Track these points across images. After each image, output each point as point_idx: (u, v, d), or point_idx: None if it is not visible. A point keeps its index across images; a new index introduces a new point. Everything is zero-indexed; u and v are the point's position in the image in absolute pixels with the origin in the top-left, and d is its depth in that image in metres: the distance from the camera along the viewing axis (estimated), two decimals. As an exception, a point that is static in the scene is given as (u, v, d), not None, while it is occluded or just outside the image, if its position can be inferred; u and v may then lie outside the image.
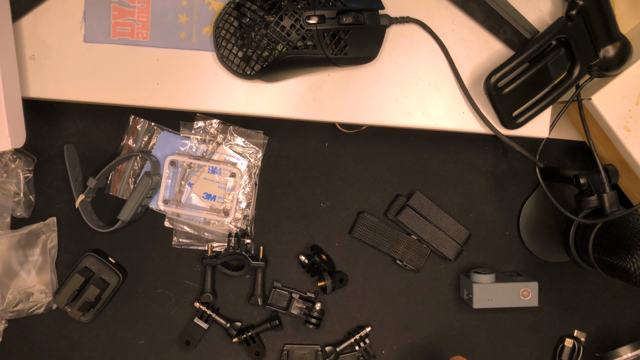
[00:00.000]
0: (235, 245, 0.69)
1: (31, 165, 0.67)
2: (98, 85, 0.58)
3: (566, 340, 0.72)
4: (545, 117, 0.61)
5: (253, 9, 0.55)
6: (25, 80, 0.58)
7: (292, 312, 0.69)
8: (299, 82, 0.59)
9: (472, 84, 0.60)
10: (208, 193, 0.69)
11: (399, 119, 0.60)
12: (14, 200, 0.67)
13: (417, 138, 0.71)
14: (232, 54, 0.56)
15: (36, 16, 0.58)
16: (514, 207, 0.72)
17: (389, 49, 0.60)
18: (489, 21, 0.59)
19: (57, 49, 0.58)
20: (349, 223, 0.71)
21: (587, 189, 0.61)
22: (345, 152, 0.71)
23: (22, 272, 0.68)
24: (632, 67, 0.58)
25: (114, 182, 0.69)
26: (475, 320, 0.72)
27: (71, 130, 0.69)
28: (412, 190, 0.71)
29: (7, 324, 0.68)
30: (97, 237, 0.69)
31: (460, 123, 0.61)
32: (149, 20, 0.58)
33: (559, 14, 0.59)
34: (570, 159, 0.72)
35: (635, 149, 0.59)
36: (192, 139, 0.69)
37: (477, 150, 0.72)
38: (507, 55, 0.58)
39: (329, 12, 0.54)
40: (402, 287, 0.71)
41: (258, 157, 0.69)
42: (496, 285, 0.67)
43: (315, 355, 0.70)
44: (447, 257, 0.71)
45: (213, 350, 0.70)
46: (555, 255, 0.72)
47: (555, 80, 0.58)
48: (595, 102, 0.59)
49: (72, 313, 0.67)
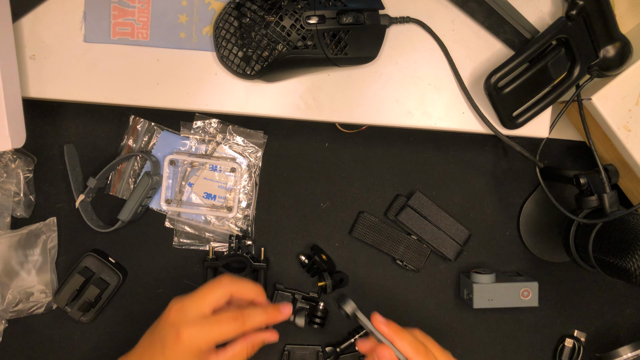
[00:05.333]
0: (236, 246, 0.69)
1: (31, 165, 0.67)
2: (98, 85, 0.58)
3: (566, 340, 0.72)
4: (545, 117, 0.61)
5: (253, 9, 0.55)
6: (25, 80, 0.58)
7: (296, 318, 0.69)
8: (299, 82, 0.59)
9: (472, 84, 0.60)
10: (208, 192, 0.69)
11: (399, 119, 0.60)
12: (14, 200, 0.67)
13: (417, 138, 0.71)
14: (232, 54, 0.56)
15: (36, 16, 0.58)
16: (514, 207, 0.72)
17: (389, 49, 0.60)
18: (489, 21, 0.59)
19: (57, 49, 0.58)
20: (349, 223, 0.71)
21: (587, 189, 0.61)
22: (345, 152, 0.71)
23: (22, 272, 0.68)
24: (632, 67, 0.58)
25: (114, 182, 0.69)
26: (475, 320, 0.72)
27: (71, 130, 0.69)
28: (412, 190, 0.71)
29: (7, 324, 0.68)
30: (97, 237, 0.69)
31: (460, 123, 0.61)
32: (149, 20, 0.58)
33: (559, 14, 0.59)
34: (570, 159, 0.72)
35: (635, 149, 0.59)
36: (191, 139, 0.69)
37: (477, 150, 0.72)
38: (507, 55, 0.58)
39: (329, 12, 0.54)
40: (402, 287, 0.71)
41: (258, 156, 0.69)
42: (496, 285, 0.67)
43: (316, 355, 0.70)
44: (447, 257, 0.71)
45: (213, 350, 0.70)
46: (556, 255, 0.72)
47: (555, 80, 0.59)
48: (595, 102, 0.59)
49: (72, 313, 0.67)
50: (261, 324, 0.54)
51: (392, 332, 0.52)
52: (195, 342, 0.51)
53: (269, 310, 0.55)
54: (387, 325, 0.53)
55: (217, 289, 0.53)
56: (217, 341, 0.52)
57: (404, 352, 0.52)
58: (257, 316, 0.54)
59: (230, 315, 0.52)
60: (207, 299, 0.53)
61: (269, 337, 0.56)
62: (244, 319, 0.53)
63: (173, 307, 0.52)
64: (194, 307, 0.52)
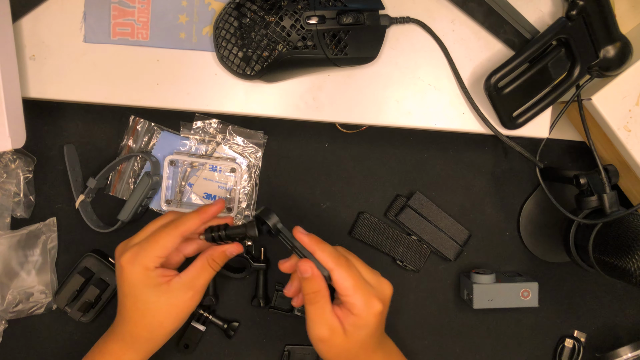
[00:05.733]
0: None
1: (31, 165, 0.67)
2: (98, 85, 0.58)
3: (566, 341, 0.72)
4: (545, 118, 0.61)
5: (253, 9, 0.55)
6: (25, 80, 0.58)
7: (296, 313, 0.69)
8: (299, 82, 0.59)
9: (472, 84, 0.60)
10: (208, 193, 0.69)
11: (399, 119, 0.60)
12: (14, 201, 0.67)
13: (417, 138, 0.71)
14: (232, 54, 0.56)
15: (36, 16, 0.58)
16: (514, 207, 0.72)
17: (389, 49, 0.60)
18: (489, 21, 0.59)
19: (57, 49, 0.58)
20: (349, 223, 0.71)
21: (587, 189, 0.61)
22: (345, 152, 0.71)
23: (22, 273, 0.68)
24: (632, 67, 0.58)
25: (114, 182, 0.69)
26: (475, 320, 0.72)
27: (71, 130, 0.69)
28: (412, 191, 0.71)
29: (7, 325, 0.68)
30: (97, 237, 0.69)
31: (460, 123, 0.61)
32: (149, 20, 0.58)
33: (559, 14, 0.59)
34: (570, 159, 0.72)
35: (635, 149, 0.59)
36: (191, 139, 0.69)
37: (477, 150, 0.72)
38: (507, 56, 0.58)
39: (329, 12, 0.54)
40: (402, 287, 0.71)
41: (258, 157, 0.69)
42: (496, 285, 0.67)
43: (316, 355, 0.70)
44: (447, 257, 0.71)
45: (213, 350, 0.70)
46: (556, 256, 0.72)
47: (555, 80, 0.59)
48: (595, 102, 0.59)
49: (72, 313, 0.67)
50: (194, 223, 0.53)
51: (313, 243, 0.52)
52: (137, 263, 0.51)
53: (199, 210, 0.54)
54: (308, 236, 0.52)
55: (156, 222, 0.54)
56: (159, 254, 0.52)
57: (324, 262, 0.51)
58: (188, 218, 0.53)
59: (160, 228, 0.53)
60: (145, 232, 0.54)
61: (230, 248, 0.55)
62: (174, 224, 0.53)
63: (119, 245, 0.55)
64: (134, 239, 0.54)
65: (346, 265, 0.51)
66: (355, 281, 0.50)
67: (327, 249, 0.52)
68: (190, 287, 0.53)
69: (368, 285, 0.51)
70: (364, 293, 0.50)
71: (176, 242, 0.52)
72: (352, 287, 0.50)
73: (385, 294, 0.53)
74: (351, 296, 0.50)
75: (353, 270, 0.51)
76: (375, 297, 0.51)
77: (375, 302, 0.51)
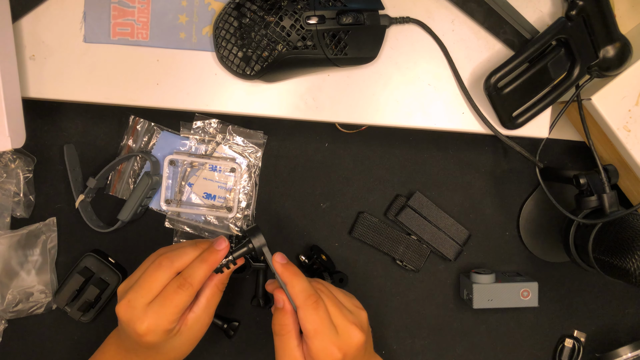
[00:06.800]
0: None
1: (31, 165, 0.67)
2: (98, 85, 0.58)
3: (566, 340, 0.72)
4: (545, 118, 0.61)
5: (253, 9, 0.55)
6: (25, 80, 0.58)
7: None
8: (299, 82, 0.59)
9: (472, 84, 0.60)
10: (208, 193, 0.69)
11: (399, 119, 0.60)
12: (14, 200, 0.67)
13: (417, 138, 0.71)
14: (232, 54, 0.56)
15: (36, 16, 0.58)
16: (514, 207, 0.72)
17: (389, 49, 0.60)
18: (489, 21, 0.59)
19: (57, 49, 0.58)
20: (349, 223, 0.71)
21: (587, 189, 0.61)
22: (345, 152, 0.71)
23: (22, 272, 0.68)
24: (632, 67, 0.58)
25: (113, 182, 0.69)
26: (475, 320, 0.72)
27: (71, 130, 0.69)
28: (412, 190, 0.71)
29: (7, 324, 0.68)
30: (97, 237, 0.69)
31: (460, 123, 0.61)
32: (149, 20, 0.58)
33: (559, 14, 0.59)
34: (570, 159, 0.72)
35: (635, 149, 0.59)
36: (191, 139, 0.69)
37: (477, 150, 0.72)
38: (507, 56, 0.58)
39: (329, 12, 0.54)
40: (402, 287, 0.71)
41: (258, 157, 0.69)
42: (496, 285, 0.67)
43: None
44: (447, 257, 0.71)
45: (213, 350, 0.70)
46: (555, 256, 0.72)
47: (555, 80, 0.59)
48: (595, 102, 0.59)
49: (72, 313, 0.67)
50: (206, 274, 0.52)
51: (288, 274, 0.51)
52: (159, 330, 0.50)
53: (206, 258, 0.53)
54: (285, 267, 0.52)
55: (159, 273, 0.51)
56: (177, 315, 0.51)
57: (293, 298, 0.50)
58: (198, 271, 0.52)
59: (174, 287, 0.51)
60: (152, 289, 0.51)
61: (233, 267, 0.55)
62: (188, 282, 0.51)
63: (121, 306, 0.51)
64: (140, 299, 0.50)
65: (313, 306, 0.49)
66: (317, 325, 0.49)
67: (299, 284, 0.51)
68: (205, 316, 0.54)
69: (333, 331, 0.50)
70: (323, 339, 0.49)
71: (191, 297, 0.51)
72: (312, 331, 0.49)
73: (363, 321, 0.53)
74: (310, 340, 0.49)
75: (319, 313, 0.49)
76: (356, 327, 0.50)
77: (355, 334, 0.50)
